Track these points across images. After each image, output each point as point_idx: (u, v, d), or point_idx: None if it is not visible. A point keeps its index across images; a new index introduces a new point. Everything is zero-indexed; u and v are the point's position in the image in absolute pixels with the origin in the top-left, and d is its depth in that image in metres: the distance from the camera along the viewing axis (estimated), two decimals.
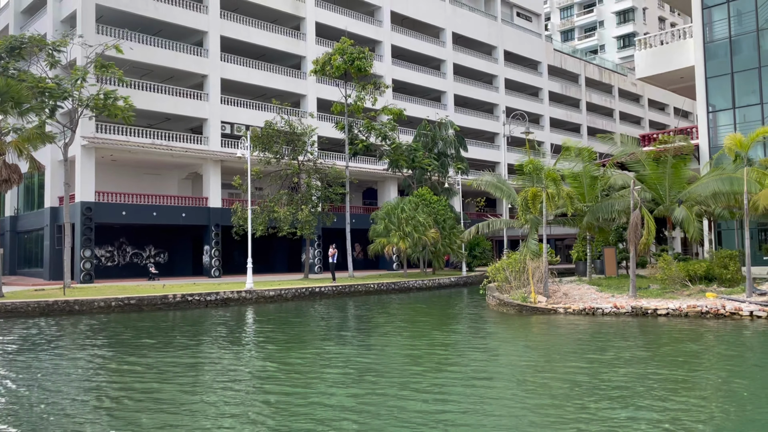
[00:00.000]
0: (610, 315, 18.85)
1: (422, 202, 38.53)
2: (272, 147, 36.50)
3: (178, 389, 10.90)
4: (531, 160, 22.16)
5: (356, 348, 14.88)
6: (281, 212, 34.61)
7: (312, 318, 22.58)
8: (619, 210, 22.59)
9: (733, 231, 29.69)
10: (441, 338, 15.77)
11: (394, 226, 36.04)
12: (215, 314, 24.33)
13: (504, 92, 69.03)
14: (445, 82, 62.65)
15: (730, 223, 30.21)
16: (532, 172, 21.49)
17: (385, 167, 54.41)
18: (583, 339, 15.41)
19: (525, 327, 17.42)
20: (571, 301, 20.65)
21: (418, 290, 35.15)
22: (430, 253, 40.33)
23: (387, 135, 41.66)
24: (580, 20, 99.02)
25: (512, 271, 21.39)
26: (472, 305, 24.56)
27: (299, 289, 30.10)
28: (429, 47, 61.36)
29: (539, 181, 24.42)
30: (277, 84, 48.80)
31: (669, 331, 16.02)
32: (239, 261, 52.03)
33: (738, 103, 29.62)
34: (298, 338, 16.80)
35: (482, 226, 25.86)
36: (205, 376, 12.15)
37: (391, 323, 19.78)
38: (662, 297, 19.92)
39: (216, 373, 12.30)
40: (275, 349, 15.02)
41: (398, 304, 27.58)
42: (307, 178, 36.61)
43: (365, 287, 32.66)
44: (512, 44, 70.71)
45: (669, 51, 32.51)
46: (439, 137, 49.72)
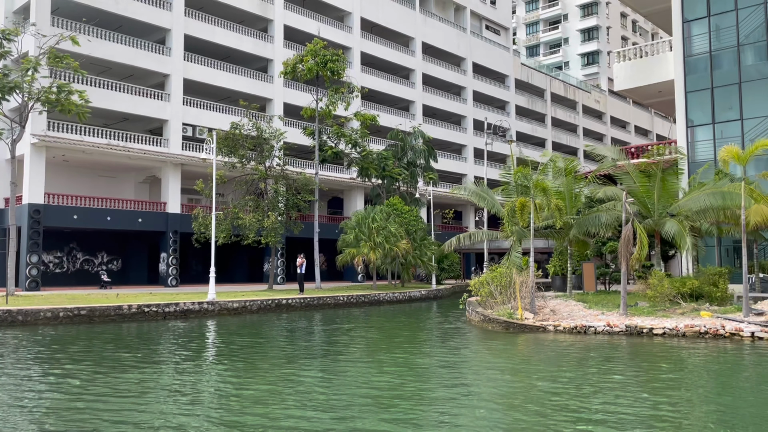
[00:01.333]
0: (602, 334, 17.78)
1: (394, 212, 37.22)
2: (238, 150, 34.70)
3: (112, 415, 9.26)
4: (519, 168, 21.12)
5: (325, 374, 13.33)
6: (247, 219, 32.80)
7: (278, 334, 20.93)
8: (606, 223, 21.71)
9: (712, 248, 29.22)
10: (426, 364, 14.19)
11: (365, 236, 34.59)
12: (174, 327, 22.43)
13: (472, 104, 68.55)
14: (414, 91, 61.75)
15: (707, 240, 29.75)
16: (519, 182, 20.41)
17: (352, 176, 53.07)
18: (585, 363, 14.21)
19: (517, 349, 16.12)
20: (560, 318, 19.54)
21: (389, 303, 33.72)
22: (400, 265, 38.98)
23: (357, 142, 40.26)
24: (546, 36, 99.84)
25: (497, 286, 20.21)
26: (453, 321, 23.25)
27: (265, 301, 28.33)
28: (399, 56, 60.44)
29: (525, 192, 23.38)
30: (243, 87, 46.99)
31: (671, 354, 14.94)
32: (197, 270, 49.84)
33: (717, 119, 29.28)
34: (261, 358, 15.15)
35: (463, 237, 24.70)
36: (148, 399, 10.49)
37: (365, 342, 18.25)
38: (654, 315, 18.99)
39: (160, 397, 10.67)
40: (231, 372, 13.35)
41: (371, 319, 26.09)
42: (274, 184, 34.87)
43: (334, 300, 31.07)
44: (481, 57, 70.41)
45: (648, 64, 32.11)
46: (409, 147, 48.59)
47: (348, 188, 55.41)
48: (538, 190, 20.10)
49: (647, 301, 21.04)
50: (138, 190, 45.33)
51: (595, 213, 21.71)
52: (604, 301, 22.71)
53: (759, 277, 24.66)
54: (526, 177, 20.01)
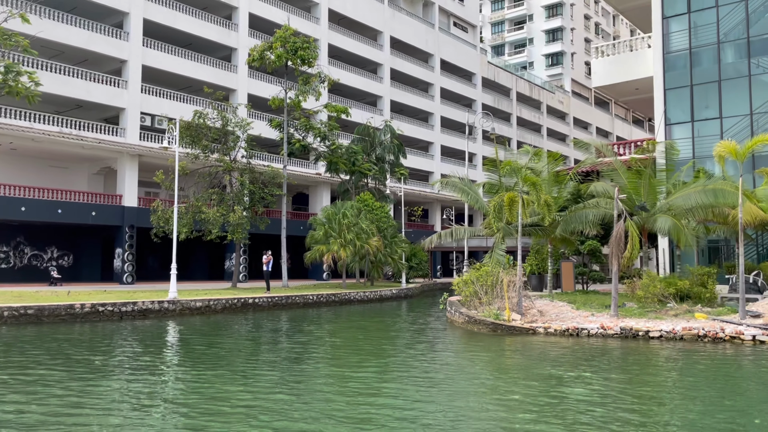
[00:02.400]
0: (596, 336, 16.84)
1: (365, 208, 35.90)
2: (201, 141, 32.85)
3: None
4: (509, 161, 20.07)
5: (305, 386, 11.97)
6: (210, 213, 31.01)
7: (244, 335, 19.41)
8: (592, 221, 20.87)
9: (690, 248, 28.75)
10: (420, 376, 12.86)
11: (335, 232, 33.17)
12: (132, 328, 20.67)
13: (439, 101, 67.72)
14: (382, 86, 60.51)
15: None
16: (508, 175, 19.34)
17: (318, 171, 51.52)
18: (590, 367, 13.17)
19: (510, 354, 15.00)
20: (548, 319, 18.56)
21: (360, 303, 32.39)
22: (370, 263, 37.67)
23: (327, 135, 38.77)
24: (511, 36, 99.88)
25: (483, 285, 19.13)
26: (433, 321, 22.09)
27: (230, 300, 26.68)
28: (367, 49, 59.10)
29: (505, 187, 22.39)
30: (206, 76, 44.94)
31: (675, 359, 14.03)
32: (154, 266, 47.57)
33: (696, 117, 28.89)
34: (224, 363, 13.67)
35: (445, 234, 23.53)
36: (90, 410, 9.00)
37: (346, 347, 16.89)
38: (645, 317, 18.18)
39: (102, 409, 9.20)
40: (191, 377, 11.91)
41: (345, 320, 24.74)
42: (240, 177, 33.13)
43: (303, 299, 29.57)
44: (448, 53, 69.65)
45: (627, 60, 31.59)
46: (378, 142, 47.29)
47: (314, 184, 53.83)
48: (527, 185, 19.10)
49: (634, 302, 20.26)
50: (92, 181, 42.86)
51: (582, 210, 20.85)
52: (589, 301, 21.88)
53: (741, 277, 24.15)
54: (514, 171, 18.98)
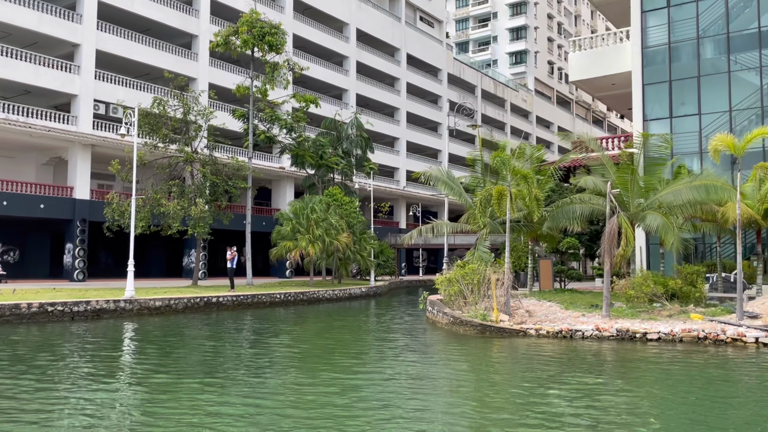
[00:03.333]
0: (591, 339, 15.89)
1: (334, 203, 34.48)
2: (161, 130, 30.89)
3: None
4: (498, 153, 18.99)
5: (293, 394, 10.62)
6: (170, 206, 29.12)
7: (207, 338, 17.85)
8: (580, 217, 19.98)
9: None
10: (421, 385, 11.57)
11: (303, 228, 31.67)
12: (84, 330, 18.87)
13: (406, 96, 66.65)
14: (347, 79, 59.07)
15: (655, 237, 28.87)
16: (498, 167, 18.22)
17: (282, 165, 49.81)
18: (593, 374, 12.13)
19: (507, 361, 13.86)
20: (538, 320, 17.55)
21: (329, 302, 30.97)
22: (338, 260, 36.27)
23: (293, 127, 37.16)
24: (475, 33, 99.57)
25: (468, 284, 18.02)
26: (414, 322, 20.88)
27: (192, 299, 24.95)
28: (332, 41, 57.56)
29: (489, 181, 21.30)
30: (164, 63, 42.69)
31: (683, 363, 13.13)
32: (107, 263, 45.17)
33: (675, 113, 28.42)
34: (186, 372, 12.20)
35: (426, 230, 22.29)
36: None
37: (316, 351, 15.50)
38: (637, 317, 17.35)
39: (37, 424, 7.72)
40: (147, 389, 10.47)
41: (315, 321, 23.34)
42: (202, 168, 31.27)
43: (270, 298, 28.00)
44: (415, 48, 68.63)
45: (604, 54, 30.95)
46: (345, 136, 45.89)
47: (277, 178, 52.08)
48: (517, 178, 18.05)
49: (621, 301, 19.45)
50: (41, 172, 40.27)
51: (570, 205, 19.95)
52: (575, 300, 21.01)
53: (721, 276, 23.72)
54: (504, 162, 17.89)
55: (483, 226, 19.76)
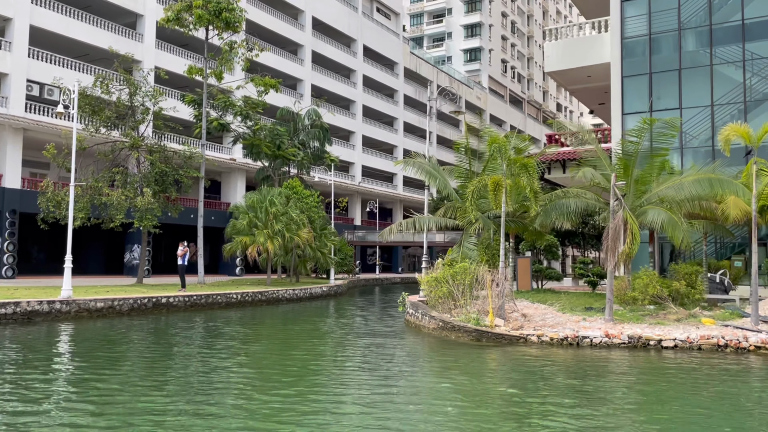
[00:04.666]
0: (600, 347, 14.27)
1: (294, 196, 32.14)
2: (103, 112, 27.91)
3: None
4: (495, 137, 17.15)
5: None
6: (114, 196, 26.22)
7: (157, 346, 15.44)
8: (574, 212, 18.44)
9: (644, 245, 27.25)
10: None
11: (261, 222, 29.23)
12: (11, 335, 16.12)
13: (362, 89, 64.60)
14: (303, 69, 56.56)
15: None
16: (495, 153, 16.34)
17: (232, 156, 47.03)
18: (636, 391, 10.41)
19: (517, 373, 12.01)
20: (537, 325, 15.85)
21: (289, 302, 28.66)
22: (297, 257, 33.93)
23: (249, 114, 34.56)
24: (430, 29, 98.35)
25: (459, 285, 16.18)
26: (393, 326, 18.87)
27: (139, 300, 22.26)
28: (288, 28, 54.95)
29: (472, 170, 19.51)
30: (106, 42, 39.14)
31: (726, 376, 11.59)
32: (39, 258, 41.49)
33: (655, 106, 27.38)
34: (129, 392, 9.90)
35: (407, 223, 20.20)
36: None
37: (291, 367, 13.31)
38: (642, 321, 15.88)
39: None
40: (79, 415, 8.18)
41: (278, 324, 21.08)
42: (149, 156, 28.40)
43: (226, 298, 25.50)
44: (371, 40, 66.67)
45: (582, 44, 29.68)
46: (303, 127, 43.49)
47: (227, 171, 49.21)
48: (517, 167, 16.28)
49: (618, 304, 17.99)
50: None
51: (563, 199, 18.36)
52: (567, 302, 19.47)
53: (707, 276, 22.64)
54: (501, 150, 16.07)
55: (474, 221, 17.98)
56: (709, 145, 26.21)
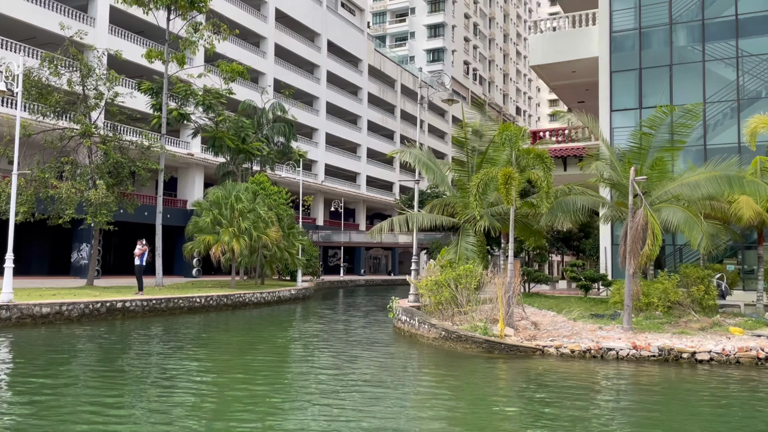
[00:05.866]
0: (627, 360, 12.71)
1: (261, 192, 29.91)
2: (52, 96, 25.19)
3: None
4: (508, 125, 15.43)
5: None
6: (63, 188, 23.56)
7: (113, 362, 13.23)
8: (580, 210, 16.96)
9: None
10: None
11: (226, 219, 26.94)
12: None
13: (325, 85, 62.50)
14: (265, 62, 54.15)
15: (615, 238, 26.71)
16: (504, 143, 14.61)
17: (190, 151, 44.35)
18: None
19: (560, 397, 10.29)
20: (549, 334, 14.24)
21: (257, 306, 26.44)
22: (263, 257, 31.66)
23: (212, 105, 32.15)
24: (393, 28, 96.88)
25: (464, 289, 14.45)
26: (382, 336, 16.98)
27: (90, 305, 19.76)
28: (250, 19, 52.47)
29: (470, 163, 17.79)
30: (52, 25, 36.17)
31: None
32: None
33: (645, 103, 26.30)
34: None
35: (398, 221, 18.17)
36: None
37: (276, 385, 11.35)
38: (662, 330, 14.46)
39: None
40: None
41: (252, 334, 18.96)
42: (103, 145, 25.76)
43: (189, 302, 23.13)
44: (336, 35, 64.67)
45: (568, 38, 28.44)
46: (267, 121, 41.19)
47: (184, 166, 46.48)
48: (531, 158, 14.64)
49: (617, 309, 16.58)
50: None
51: (568, 197, 16.86)
52: (571, 306, 17.98)
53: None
54: (511, 139, 14.35)
55: (479, 217, 16.27)
56: (701, 144, 25.27)
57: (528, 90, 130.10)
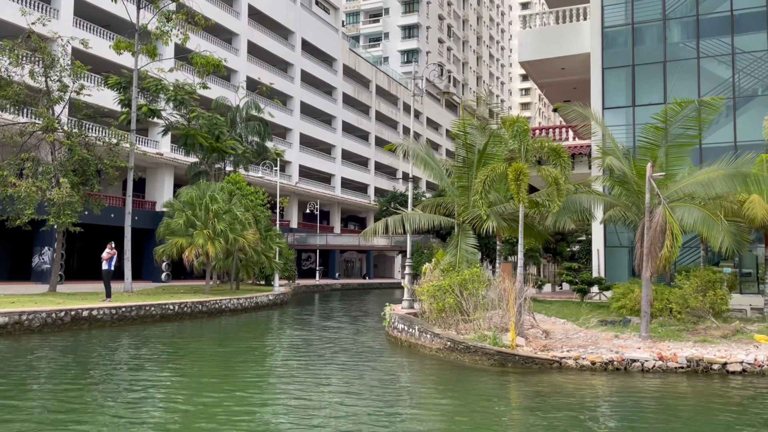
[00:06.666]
0: (654, 372, 11.64)
1: (238, 192, 28.34)
2: (11, 87, 23.32)
3: None
4: (517, 118, 14.25)
5: None
6: (23, 186, 21.71)
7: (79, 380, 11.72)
8: (587, 209, 15.92)
9: (617, 249, 25.29)
10: None
11: (201, 221, 25.32)
12: None
13: (300, 84, 60.95)
14: (237, 60, 52.43)
15: (612, 238, 25.87)
16: (515, 136, 13.41)
17: (159, 151, 42.46)
18: None
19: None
20: (563, 343, 13.11)
21: (233, 313, 24.85)
22: (239, 261, 30.06)
23: (184, 101, 30.45)
24: (366, 29, 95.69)
25: (471, 295, 13.24)
26: (375, 345, 15.66)
27: (54, 313, 18.03)
28: (222, 15, 50.72)
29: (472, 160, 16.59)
30: (13, 15, 34.10)
31: None
32: None
33: (638, 101, 25.52)
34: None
35: (394, 221, 16.72)
36: None
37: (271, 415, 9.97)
38: (680, 338, 13.46)
39: None
40: None
41: (233, 345, 17.48)
42: (67, 141, 23.93)
43: (161, 309, 21.46)
44: (310, 34, 63.19)
45: (558, 33, 27.56)
46: (241, 119, 39.54)
47: (153, 166, 44.57)
48: (546, 152, 13.49)
49: (637, 316, 15.58)
50: None
51: (574, 195, 15.80)
52: (576, 313, 16.91)
53: None
54: (522, 132, 13.12)
55: (486, 217, 15.07)
56: (696, 143, 24.52)
57: (500, 93, 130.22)
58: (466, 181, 16.31)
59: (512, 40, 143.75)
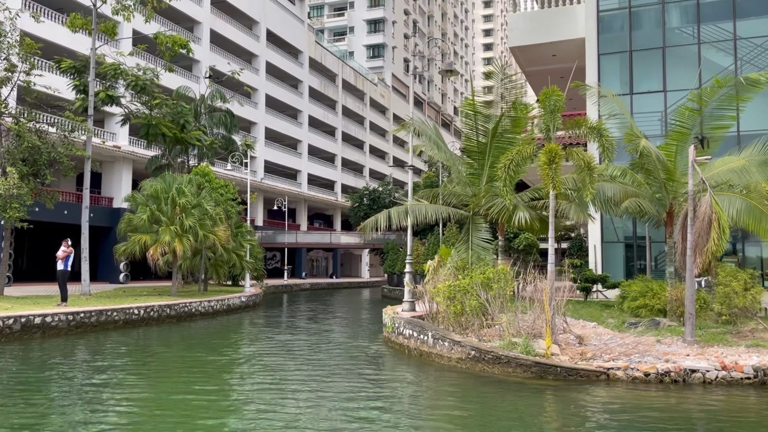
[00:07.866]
0: (717, 384, 10.09)
1: (207, 185, 26.04)
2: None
3: None
4: (553, 88, 12.51)
5: None
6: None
7: (22, 407, 9.60)
8: (610, 200, 14.37)
9: (613, 245, 24.00)
10: None
11: (166, 216, 22.98)
12: None
13: (265, 77, 58.49)
14: (200, 49, 49.72)
15: (609, 233, 24.58)
16: (547, 113, 11.66)
17: (116, 143, 39.66)
18: None
19: None
20: (603, 351, 11.47)
21: (204, 317, 22.60)
22: (207, 260, 27.72)
23: (146, 86, 27.95)
24: (331, 22, 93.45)
25: (496, 297, 11.50)
26: (366, 351, 13.77)
27: (0, 321, 15.58)
28: (183, 2, 47.86)
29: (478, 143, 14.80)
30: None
31: None
32: None
33: (636, 89, 24.26)
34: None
35: (397, 213, 14.76)
36: None
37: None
38: (729, 342, 12.00)
39: None
40: None
41: (210, 358, 15.37)
42: (15, 126, 21.29)
43: (125, 314, 19.11)
44: (275, 24, 60.79)
45: (551, 16, 26.15)
46: (206, 110, 37.06)
47: (109, 160, 41.70)
48: (587, 130, 11.77)
49: (670, 318, 14.10)
50: None
51: (599, 184, 14.19)
52: (579, 312, 15.37)
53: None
54: (552, 112, 11.39)
55: (512, 207, 13.32)
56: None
57: (465, 90, 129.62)
58: (478, 167, 14.59)
59: (475, 38, 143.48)
